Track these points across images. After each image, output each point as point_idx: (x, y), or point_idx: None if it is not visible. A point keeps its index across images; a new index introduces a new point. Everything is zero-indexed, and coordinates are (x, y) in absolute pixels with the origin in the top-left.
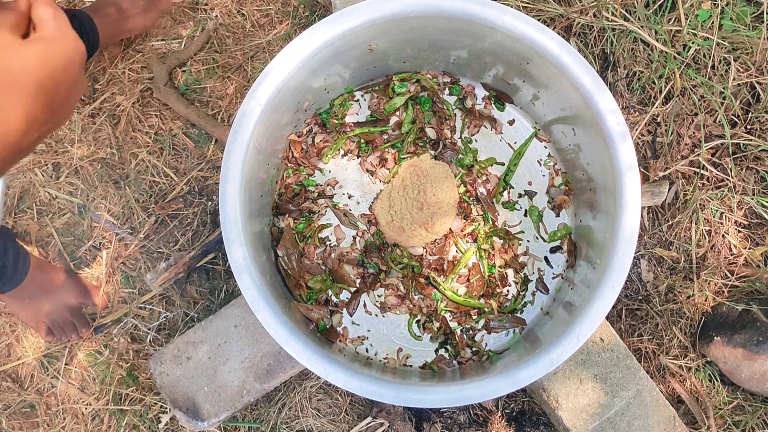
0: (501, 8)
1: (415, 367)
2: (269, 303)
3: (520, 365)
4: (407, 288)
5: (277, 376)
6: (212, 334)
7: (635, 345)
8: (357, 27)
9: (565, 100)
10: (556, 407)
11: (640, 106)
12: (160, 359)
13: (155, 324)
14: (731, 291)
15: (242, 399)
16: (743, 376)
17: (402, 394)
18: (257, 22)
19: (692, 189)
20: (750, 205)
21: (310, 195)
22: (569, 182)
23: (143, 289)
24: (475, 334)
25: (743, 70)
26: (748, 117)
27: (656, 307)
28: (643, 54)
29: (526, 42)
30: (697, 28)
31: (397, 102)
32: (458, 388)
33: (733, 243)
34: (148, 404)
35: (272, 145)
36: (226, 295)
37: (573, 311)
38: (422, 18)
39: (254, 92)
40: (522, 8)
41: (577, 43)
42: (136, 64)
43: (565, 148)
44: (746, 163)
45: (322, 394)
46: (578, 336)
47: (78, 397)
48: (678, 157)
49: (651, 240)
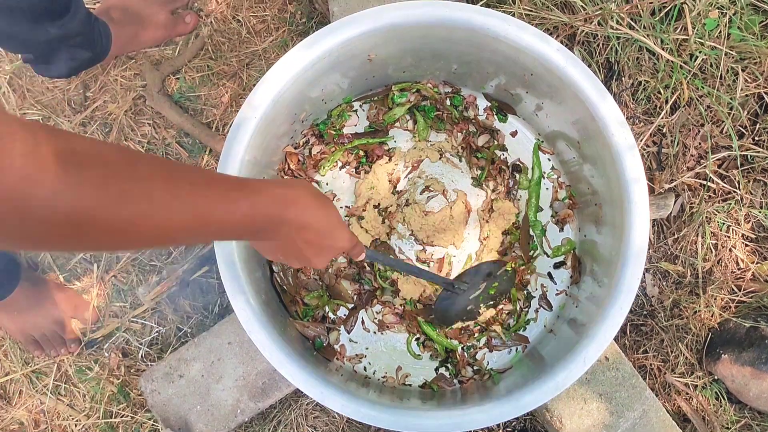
0: (505, 18)
1: (414, 386)
2: (263, 324)
3: (524, 389)
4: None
5: (272, 395)
6: (205, 351)
7: (640, 361)
8: (356, 37)
9: (570, 111)
10: (560, 428)
11: (646, 117)
12: (151, 377)
13: (147, 339)
14: (738, 307)
15: (236, 418)
16: (751, 395)
17: (401, 420)
18: (253, 29)
19: (698, 201)
20: (758, 219)
21: None
22: (573, 196)
23: (135, 303)
24: (476, 352)
25: (751, 81)
26: (755, 128)
27: (661, 322)
28: (649, 63)
29: (530, 53)
30: (704, 37)
31: (396, 113)
32: (460, 413)
33: (741, 257)
34: (139, 422)
35: (268, 156)
36: (220, 310)
37: (579, 330)
38: (423, 27)
39: (249, 103)
40: (525, 16)
41: (581, 52)
42: (129, 71)
43: (569, 160)
44: (754, 175)
45: (318, 412)
46: (585, 359)
47: (67, 413)
48: (684, 169)
49: (656, 254)
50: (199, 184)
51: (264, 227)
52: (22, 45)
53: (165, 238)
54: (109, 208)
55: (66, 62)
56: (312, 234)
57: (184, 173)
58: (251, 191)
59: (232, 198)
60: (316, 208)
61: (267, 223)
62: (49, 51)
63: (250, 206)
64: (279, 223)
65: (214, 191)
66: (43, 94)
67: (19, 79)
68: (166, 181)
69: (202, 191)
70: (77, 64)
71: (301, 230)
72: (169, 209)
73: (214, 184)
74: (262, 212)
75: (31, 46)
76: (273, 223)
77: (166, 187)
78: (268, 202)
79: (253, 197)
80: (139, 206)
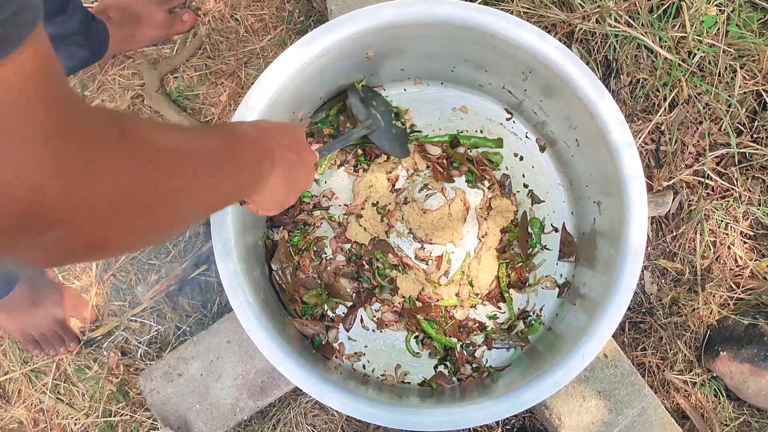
0: (503, 16)
1: (413, 384)
2: (262, 322)
3: (523, 386)
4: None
5: (271, 393)
6: (204, 350)
7: (639, 359)
8: (353, 35)
9: (569, 109)
10: (559, 425)
11: (644, 114)
12: (150, 376)
13: (146, 338)
14: (737, 304)
15: (235, 417)
16: (750, 392)
17: (400, 417)
18: (251, 27)
19: (697, 199)
20: (756, 216)
21: (306, 207)
22: (572, 193)
23: (134, 302)
24: (475, 349)
25: (749, 78)
26: (754, 125)
27: (660, 320)
28: (647, 61)
29: (528, 50)
30: (702, 35)
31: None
32: (459, 410)
33: (739, 254)
34: (138, 421)
35: None
36: (219, 308)
37: (577, 328)
38: (421, 26)
39: (247, 102)
40: (523, 14)
41: (579, 49)
42: (127, 70)
43: (568, 158)
44: (752, 172)
45: (317, 410)
46: (583, 356)
47: (67, 412)
48: (682, 167)
49: (655, 251)
50: (213, 166)
51: (265, 162)
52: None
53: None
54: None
55: (64, 61)
56: (287, 138)
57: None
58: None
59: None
60: (277, 123)
61: (266, 156)
62: None
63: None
64: (269, 146)
65: (228, 169)
66: None
67: None
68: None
69: (219, 173)
70: (75, 63)
71: (282, 141)
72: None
73: (225, 161)
74: (262, 147)
75: None
76: (268, 150)
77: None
78: (261, 138)
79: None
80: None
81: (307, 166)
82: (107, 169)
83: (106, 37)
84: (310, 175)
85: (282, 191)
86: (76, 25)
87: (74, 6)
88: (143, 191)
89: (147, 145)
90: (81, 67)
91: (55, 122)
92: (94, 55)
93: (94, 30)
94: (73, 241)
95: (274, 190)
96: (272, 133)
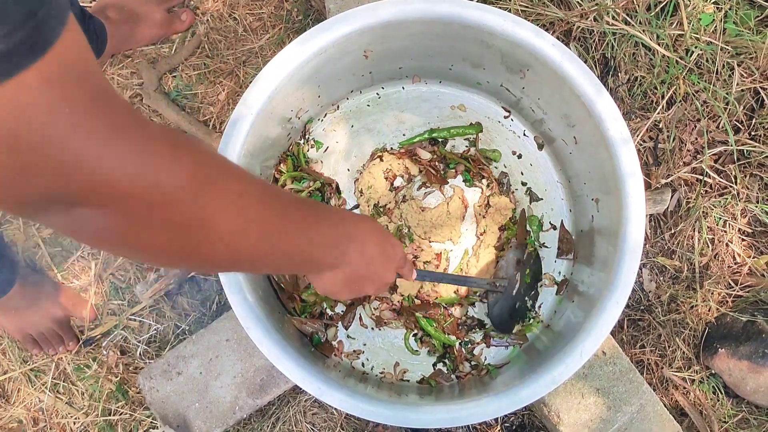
0: (501, 14)
1: (412, 381)
2: (261, 320)
3: (521, 383)
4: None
5: (270, 391)
6: (204, 348)
7: (638, 356)
8: (351, 33)
9: (566, 107)
10: (558, 422)
11: (642, 112)
12: (149, 374)
13: (145, 336)
14: (735, 301)
15: (234, 415)
16: (748, 389)
17: (399, 414)
18: (249, 26)
19: (695, 196)
20: (754, 213)
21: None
22: (570, 190)
23: (133, 301)
24: (474, 347)
25: (747, 75)
26: (752, 123)
27: (659, 317)
28: (645, 59)
29: (526, 48)
30: (699, 33)
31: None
32: (458, 407)
33: (737, 251)
34: (138, 420)
35: (265, 152)
36: (218, 307)
37: (575, 325)
38: (419, 23)
39: (246, 100)
40: (521, 12)
41: (577, 47)
42: (126, 69)
43: (566, 156)
44: (750, 169)
45: (317, 408)
46: (581, 353)
47: (66, 411)
48: (680, 164)
49: (653, 249)
50: (309, 221)
51: (337, 248)
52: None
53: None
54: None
55: None
56: (373, 246)
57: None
58: (328, 220)
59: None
60: (372, 224)
61: (340, 243)
62: None
63: (332, 229)
64: (348, 241)
65: (316, 230)
66: None
67: None
68: (282, 216)
69: (309, 229)
70: None
71: (365, 244)
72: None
73: (317, 222)
74: (339, 233)
75: None
76: (343, 246)
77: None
78: (339, 225)
79: (331, 222)
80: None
81: (378, 282)
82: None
83: (103, 36)
84: (378, 290)
85: (338, 289)
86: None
87: (70, 4)
88: (184, 207)
89: (201, 157)
90: None
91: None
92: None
93: (91, 29)
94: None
95: (332, 284)
96: (360, 234)
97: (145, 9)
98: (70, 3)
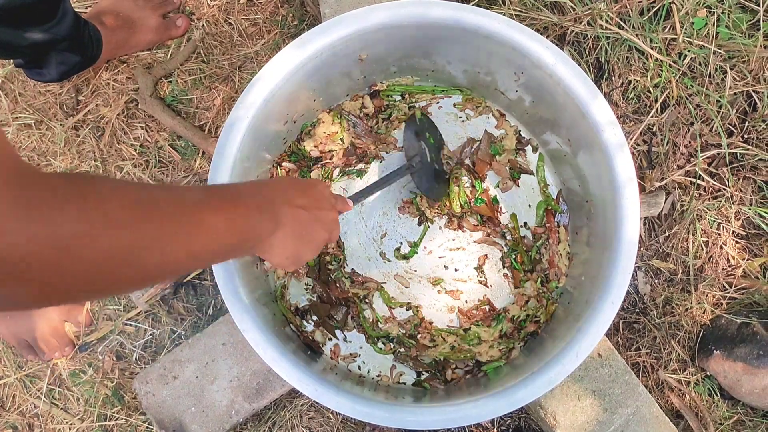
0: (495, 17)
1: (408, 384)
2: (257, 323)
3: (517, 384)
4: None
5: (266, 395)
6: (200, 353)
7: (633, 359)
8: (346, 36)
9: (561, 110)
10: (554, 425)
11: (636, 116)
12: (145, 379)
13: (141, 341)
14: (730, 303)
15: (231, 419)
16: (744, 391)
17: (396, 416)
18: (245, 32)
19: (689, 199)
20: (748, 216)
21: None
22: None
23: (129, 306)
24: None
25: (740, 79)
26: (744, 126)
27: (654, 320)
28: (638, 63)
29: (520, 51)
30: (692, 36)
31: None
32: (454, 409)
33: (731, 254)
34: (134, 425)
35: (260, 156)
36: (214, 311)
37: (571, 326)
38: (413, 27)
39: (241, 104)
40: (515, 17)
41: (571, 51)
42: (121, 75)
43: (560, 159)
44: (743, 172)
45: (313, 412)
46: (577, 353)
47: (62, 417)
48: (674, 167)
49: (648, 251)
50: (227, 208)
51: (265, 214)
52: (8, 50)
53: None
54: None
55: (56, 67)
56: (298, 194)
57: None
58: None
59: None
60: (286, 178)
61: (265, 210)
62: (38, 56)
63: (245, 207)
64: (271, 204)
65: (239, 213)
66: (35, 98)
67: (11, 83)
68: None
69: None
70: (67, 69)
71: (289, 197)
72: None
73: (235, 207)
74: (259, 202)
75: (18, 51)
76: (269, 208)
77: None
78: (257, 194)
79: (248, 197)
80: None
81: (325, 223)
82: (56, 220)
83: (99, 42)
84: (330, 231)
85: (292, 249)
86: (66, 30)
87: (64, 11)
88: (89, 242)
89: (101, 196)
90: (74, 73)
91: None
92: (87, 60)
93: (86, 35)
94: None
95: (284, 248)
96: (279, 192)
97: (141, 14)
98: (64, 11)
